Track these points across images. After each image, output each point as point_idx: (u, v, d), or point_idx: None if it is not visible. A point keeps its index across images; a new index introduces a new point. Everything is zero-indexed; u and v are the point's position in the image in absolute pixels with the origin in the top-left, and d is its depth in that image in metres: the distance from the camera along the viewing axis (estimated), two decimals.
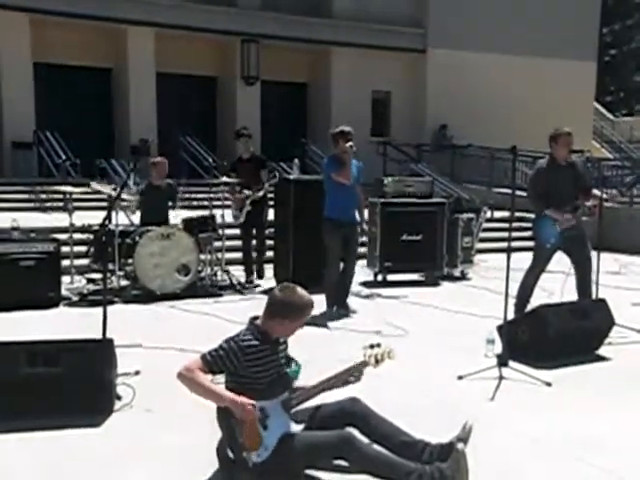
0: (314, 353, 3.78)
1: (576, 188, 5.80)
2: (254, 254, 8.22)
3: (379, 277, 8.35)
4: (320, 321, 5.85)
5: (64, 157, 13.35)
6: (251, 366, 3.11)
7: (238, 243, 8.50)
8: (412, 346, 5.39)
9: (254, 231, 8.11)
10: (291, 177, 7.93)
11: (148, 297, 7.02)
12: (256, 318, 3.29)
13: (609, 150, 23.98)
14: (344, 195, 6.37)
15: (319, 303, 3.32)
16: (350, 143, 6.25)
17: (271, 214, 8.20)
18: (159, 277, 7.11)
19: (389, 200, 8.32)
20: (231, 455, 3.05)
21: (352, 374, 3.22)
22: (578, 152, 6.58)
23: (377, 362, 3.23)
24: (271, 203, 8.20)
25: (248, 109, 16.71)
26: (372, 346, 3.28)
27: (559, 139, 5.75)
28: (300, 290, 3.25)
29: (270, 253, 8.27)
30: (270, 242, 8.25)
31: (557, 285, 6.43)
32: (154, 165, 7.88)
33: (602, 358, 5.17)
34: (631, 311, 6.68)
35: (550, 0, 19.13)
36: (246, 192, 7.72)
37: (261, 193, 7.73)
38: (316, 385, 3.23)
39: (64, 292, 7.02)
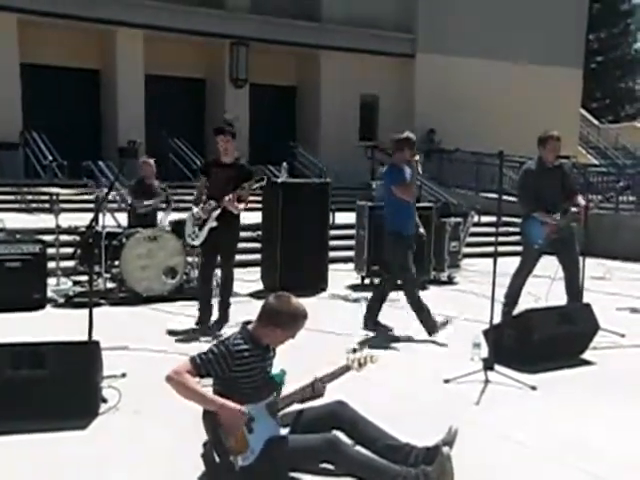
0: (301, 356, 3.78)
1: (564, 190, 5.84)
2: (215, 289, 6.25)
3: (367, 280, 8.37)
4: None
5: (51, 158, 13.26)
6: (240, 370, 3.11)
7: None
8: (399, 350, 5.40)
9: (218, 258, 6.09)
10: (279, 180, 7.95)
11: (135, 299, 6.99)
12: (248, 323, 3.28)
13: (595, 156, 24.19)
14: (407, 206, 5.89)
15: (309, 306, 3.31)
16: (417, 157, 5.73)
17: (253, 218, 7.72)
18: (146, 279, 7.08)
19: (377, 204, 8.34)
20: (217, 459, 3.05)
21: (331, 379, 3.23)
22: (564, 158, 6.59)
23: (360, 366, 3.26)
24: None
25: (237, 111, 16.68)
26: (355, 350, 3.30)
27: (547, 143, 5.77)
28: (295, 300, 3.23)
29: (257, 256, 8.22)
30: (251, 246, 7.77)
31: (543, 290, 6.48)
32: (144, 164, 7.85)
33: (587, 362, 5.21)
34: (615, 316, 6.74)
35: (538, 7, 19.30)
36: (213, 203, 5.80)
37: (241, 206, 5.80)
38: (298, 391, 3.23)
39: (50, 294, 6.97)
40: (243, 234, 10.08)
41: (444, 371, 4.70)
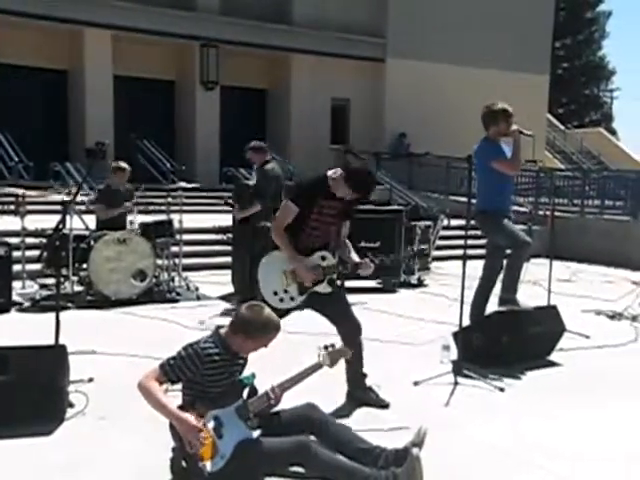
0: (272, 357, 3.75)
1: None
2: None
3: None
4: None
5: (17, 159, 13.04)
6: (208, 374, 3.09)
7: (196, 248, 8.31)
8: (368, 352, 5.40)
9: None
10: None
11: (103, 303, 6.89)
12: (221, 327, 3.27)
13: (561, 160, 24.63)
14: (508, 182, 5.42)
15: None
16: (515, 126, 5.33)
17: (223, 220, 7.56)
18: (115, 282, 6.99)
19: None
20: (185, 465, 3.02)
21: (299, 380, 3.22)
22: (532, 162, 6.67)
23: (332, 363, 3.27)
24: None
25: (207, 114, 16.60)
26: (326, 347, 3.32)
27: None
28: (268, 312, 3.21)
29: (227, 258, 8.15)
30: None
31: None
32: (120, 170, 7.68)
33: (554, 364, 5.29)
34: (581, 317, 6.87)
35: (506, 15, 19.61)
36: (325, 258, 4.27)
37: (369, 269, 4.25)
38: (270, 392, 3.21)
39: (15, 297, 6.84)
40: (213, 237, 10.09)
41: (413, 373, 4.73)
